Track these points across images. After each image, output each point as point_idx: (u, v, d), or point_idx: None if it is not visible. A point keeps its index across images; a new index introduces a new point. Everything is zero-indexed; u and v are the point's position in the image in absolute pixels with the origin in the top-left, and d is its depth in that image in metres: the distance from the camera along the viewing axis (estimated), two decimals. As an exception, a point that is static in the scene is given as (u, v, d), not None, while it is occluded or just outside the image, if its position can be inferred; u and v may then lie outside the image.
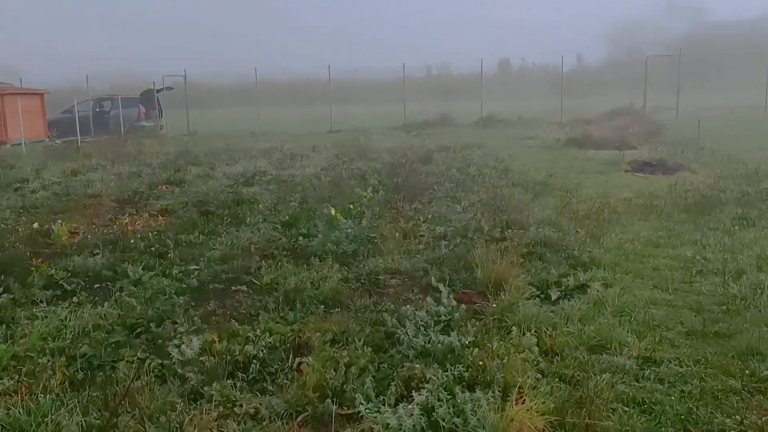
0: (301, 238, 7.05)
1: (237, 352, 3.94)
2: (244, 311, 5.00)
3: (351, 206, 8.22)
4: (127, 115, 27.69)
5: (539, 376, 3.83)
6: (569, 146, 17.85)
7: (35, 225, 8.31)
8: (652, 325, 4.69)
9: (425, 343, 4.01)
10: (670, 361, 4.09)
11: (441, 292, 5.13)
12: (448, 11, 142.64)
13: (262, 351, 4.01)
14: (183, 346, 3.87)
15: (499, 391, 3.46)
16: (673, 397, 3.65)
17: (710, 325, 4.69)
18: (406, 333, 4.08)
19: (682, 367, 4.01)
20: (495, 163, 13.90)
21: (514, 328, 4.32)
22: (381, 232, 7.27)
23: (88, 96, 27.71)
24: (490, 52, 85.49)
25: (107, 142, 20.15)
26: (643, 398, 3.63)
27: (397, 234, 7.21)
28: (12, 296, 5.36)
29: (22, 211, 9.76)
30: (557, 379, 3.83)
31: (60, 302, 5.28)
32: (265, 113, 30.53)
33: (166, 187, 11.88)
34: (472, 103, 30.94)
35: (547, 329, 4.39)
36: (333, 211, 7.17)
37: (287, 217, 7.89)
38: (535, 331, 4.32)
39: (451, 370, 3.63)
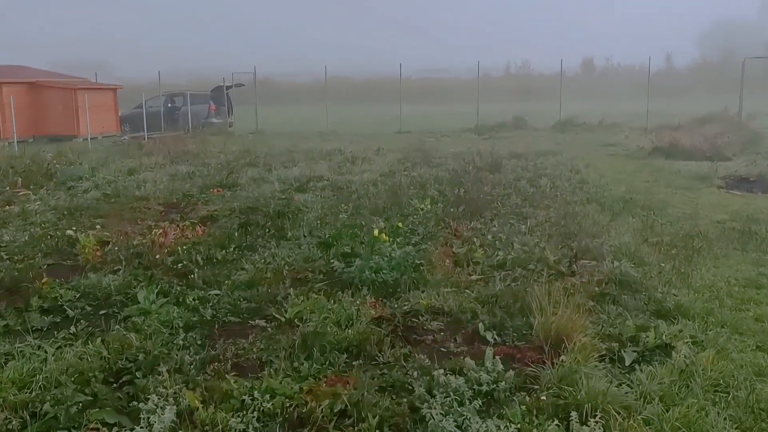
0: (337, 261, 6.26)
1: (220, 426, 3.17)
2: (254, 356, 4.26)
3: (400, 224, 7.37)
4: (197, 112, 27.75)
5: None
6: (654, 155, 16.41)
7: (68, 231, 7.87)
8: (757, 409, 3.64)
9: (456, 428, 3.13)
10: (785, 472, 3.06)
11: (488, 344, 4.24)
12: (532, 7, 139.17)
13: (253, 424, 3.24)
14: (154, 416, 3.13)
15: None
16: None
17: (836, 414, 3.59)
18: (432, 414, 3.20)
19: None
20: (570, 173, 12.75)
21: (573, 411, 3.35)
22: (430, 257, 6.40)
23: (159, 92, 27.93)
24: (573, 51, 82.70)
25: (171, 139, 20.06)
26: None
27: (448, 261, 6.32)
28: (6, 323, 4.80)
29: (65, 213, 9.42)
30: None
31: (55, 332, 4.68)
32: (336, 112, 30.06)
33: (218, 191, 11.39)
34: (551, 105, 29.48)
35: (618, 412, 3.42)
36: (376, 232, 6.35)
37: (327, 236, 7.12)
38: (602, 416, 3.35)
39: (482, 480, 2.75)
